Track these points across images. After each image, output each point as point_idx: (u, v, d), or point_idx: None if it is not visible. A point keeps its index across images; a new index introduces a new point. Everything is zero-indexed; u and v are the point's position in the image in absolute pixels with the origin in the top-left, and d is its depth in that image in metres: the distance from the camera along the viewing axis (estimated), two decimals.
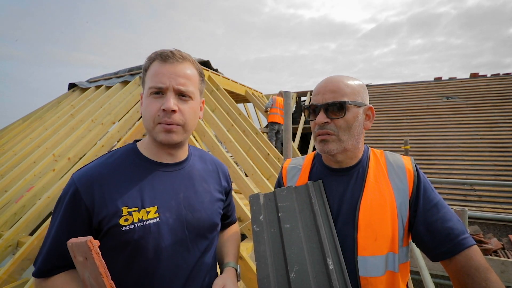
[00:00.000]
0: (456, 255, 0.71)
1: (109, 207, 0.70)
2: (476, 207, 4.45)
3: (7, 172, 3.53)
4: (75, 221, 0.70)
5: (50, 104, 5.45)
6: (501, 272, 2.95)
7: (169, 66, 0.75)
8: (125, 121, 3.52)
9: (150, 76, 0.76)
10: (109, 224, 0.69)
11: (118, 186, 0.72)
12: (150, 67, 0.77)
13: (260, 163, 3.54)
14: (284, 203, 0.77)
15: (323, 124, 0.80)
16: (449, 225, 0.74)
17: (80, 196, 0.69)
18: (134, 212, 0.71)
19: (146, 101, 0.76)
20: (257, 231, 0.76)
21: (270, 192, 0.82)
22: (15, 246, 2.48)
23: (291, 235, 0.74)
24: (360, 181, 0.82)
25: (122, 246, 0.70)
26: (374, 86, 8.80)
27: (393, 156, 0.87)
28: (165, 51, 0.77)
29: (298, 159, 1.00)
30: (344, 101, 0.78)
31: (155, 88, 0.74)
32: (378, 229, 0.75)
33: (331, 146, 0.80)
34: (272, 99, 6.39)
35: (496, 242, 3.59)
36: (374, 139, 6.85)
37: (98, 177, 0.72)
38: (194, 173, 0.85)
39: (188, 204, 0.79)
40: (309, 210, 0.76)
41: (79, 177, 0.72)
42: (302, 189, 0.79)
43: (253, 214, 0.78)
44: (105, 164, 0.75)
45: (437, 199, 0.79)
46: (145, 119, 0.76)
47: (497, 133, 5.92)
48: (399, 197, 0.78)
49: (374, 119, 0.85)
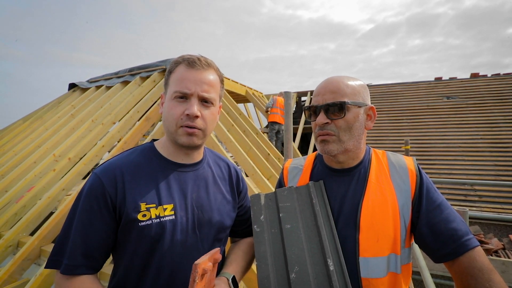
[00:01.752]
0: (460, 257, 0.71)
1: (129, 202, 0.72)
2: (476, 207, 4.45)
3: (7, 172, 3.53)
4: (101, 213, 0.72)
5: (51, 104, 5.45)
6: (502, 272, 2.95)
7: (195, 73, 0.77)
8: (125, 121, 3.53)
9: (175, 79, 0.78)
10: (128, 218, 0.72)
11: (138, 182, 0.75)
12: (176, 70, 0.79)
13: (260, 163, 3.54)
14: (285, 203, 0.77)
15: (323, 124, 0.80)
16: (453, 226, 0.73)
17: (105, 188, 0.72)
18: (152, 209, 0.73)
19: (170, 104, 0.78)
20: (258, 231, 0.76)
21: (271, 192, 0.81)
22: (16, 246, 2.48)
23: (292, 236, 0.74)
24: (361, 181, 0.82)
25: (140, 240, 0.73)
26: (375, 86, 8.80)
27: (395, 156, 0.87)
28: (192, 57, 0.79)
29: (299, 159, 1.00)
30: (343, 101, 0.78)
31: (180, 92, 0.76)
32: (380, 230, 0.74)
33: (331, 146, 0.80)
34: (272, 99, 6.40)
35: (497, 242, 3.59)
36: (375, 139, 6.84)
37: (119, 172, 0.75)
38: (207, 175, 0.87)
39: (200, 204, 0.81)
40: (310, 210, 0.76)
41: (102, 171, 0.75)
42: (303, 190, 0.78)
43: (254, 214, 0.78)
44: (125, 160, 0.78)
45: (440, 199, 0.79)
46: (168, 120, 0.78)
47: (498, 133, 5.91)
48: (401, 198, 0.78)
49: (375, 119, 0.85)
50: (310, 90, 8.96)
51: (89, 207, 0.72)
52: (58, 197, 2.81)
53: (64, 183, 2.86)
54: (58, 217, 2.27)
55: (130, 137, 2.81)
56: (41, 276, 1.77)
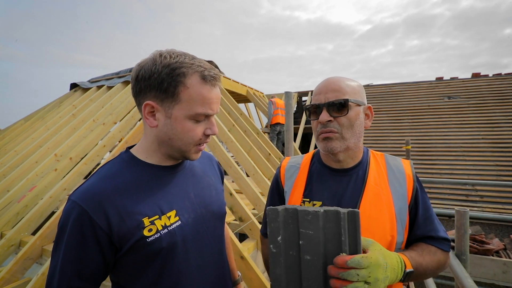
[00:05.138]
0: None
1: (128, 222, 0.65)
2: (477, 208, 4.44)
3: (9, 172, 3.54)
4: (87, 247, 0.63)
5: (52, 104, 5.47)
6: (503, 273, 2.94)
7: (216, 91, 0.71)
8: (126, 121, 3.54)
9: (194, 97, 0.67)
10: (133, 239, 0.65)
11: (131, 197, 0.67)
12: (189, 83, 0.67)
13: (261, 163, 3.54)
14: (307, 230, 0.67)
15: (326, 122, 0.81)
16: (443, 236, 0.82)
17: (90, 217, 0.62)
18: (156, 220, 0.68)
19: (187, 125, 0.69)
20: (274, 252, 0.68)
21: (292, 208, 0.69)
22: (18, 245, 2.49)
23: (311, 269, 0.65)
24: (359, 183, 0.83)
25: (151, 258, 0.67)
26: (375, 86, 8.79)
27: (393, 160, 0.88)
28: (211, 72, 0.69)
29: (296, 157, 1.00)
30: (346, 99, 0.79)
31: (204, 114, 0.70)
32: (376, 233, 0.76)
33: (334, 144, 0.81)
34: (270, 102, 6.35)
35: (498, 243, 3.58)
36: (375, 139, 6.84)
37: (104, 193, 0.65)
38: (195, 169, 0.85)
39: (200, 200, 0.80)
40: (337, 246, 0.65)
41: (81, 197, 0.64)
42: (333, 217, 0.66)
43: (271, 232, 0.69)
44: (106, 178, 0.69)
45: (430, 204, 0.85)
46: (185, 142, 0.70)
47: (499, 133, 5.90)
48: (398, 202, 0.80)
49: (373, 118, 0.87)
50: (311, 90, 8.95)
51: (70, 243, 0.63)
52: (59, 196, 2.83)
53: (66, 183, 2.87)
54: (59, 217, 2.28)
55: (131, 137, 2.81)
56: (43, 275, 1.78)
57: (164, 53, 0.68)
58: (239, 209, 2.36)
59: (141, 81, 0.68)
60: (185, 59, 0.68)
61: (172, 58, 0.67)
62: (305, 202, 0.85)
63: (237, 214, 2.38)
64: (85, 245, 0.63)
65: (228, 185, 2.44)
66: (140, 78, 0.68)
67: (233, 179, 2.85)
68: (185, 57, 0.68)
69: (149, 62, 0.67)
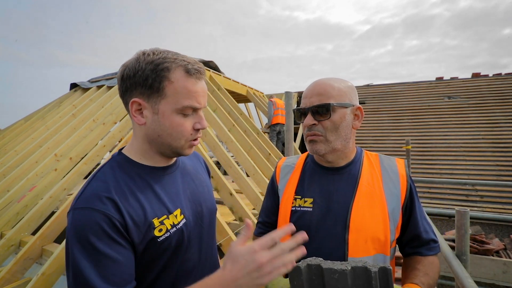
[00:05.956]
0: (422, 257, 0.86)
1: (140, 224, 0.65)
2: (478, 208, 4.44)
3: (9, 172, 3.55)
4: (117, 244, 0.61)
5: (52, 104, 5.47)
6: (503, 273, 2.94)
7: (201, 84, 0.71)
8: (126, 121, 3.54)
9: (179, 91, 0.67)
10: (145, 241, 0.66)
11: (137, 200, 0.67)
12: (173, 78, 0.66)
13: (261, 163, 3.54)
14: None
15: (310, 126, 0.83)
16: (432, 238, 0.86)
17: (107, 215, 0.60)
18: (165, 220, 0.69)
19: (175, 119, 0.68)
20: None
21: (315, 264, 0.65)
22: (18, 245, 2.49)
23: None
24: (352, 182, 0.84)
25: (159, 256, 0.69)
26: (375, 86, 8.78)
27: (387, 160, 0.89)
28: (194, 66, 0.69)
29: (292, 157, 1.03)
30: (329, 103, 0.81)
31: (192, 107, 0.69)
32: (369, 233, 0.78)
33: (319, 146, 0.83)
34: (270, 102, 6.34)
35: (498, 243, 3.58)
36: (375, 139, 6.84)
37: (110, 194, 0.64)
38: (187, 168, 0.86)
39: (196, 198, 0.82)
40: None
41: (88, 201, 0.61)
42: (361, 273, 0.62)
43: None
44: (108, 182, 0.67)
45: (420, 204, 0.87)
46: (172, 135, 0.70)
47: (499, 133, 5.90)
48: (392, 202, 0.81)
49: (363, 118, 0.88)
50: None
51: (104, 244, 0.59)
52: (59, 196, 2.83)
53: (66, 183, 2.88)
54: (59, 217, 2.28)
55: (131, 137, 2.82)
56: (43, 275, 1.78)
57: (148, 51, 0.69)
58: (239, 209, 2.36)
59: (126, 80, 0.68)
60: (168, 55, 0.68)
61: (155, 55, 0.67)
62: (297, 199, 0.87)
63: (237, 214, 2.38)
64: (115, 243, 0.60)
65: (228, 185, 2.44)
66: (125, 77, 0.68)
67: (233, 179, 2.85)
68: (168, 53, 0.69)
69: (133, 61, 0.68)
